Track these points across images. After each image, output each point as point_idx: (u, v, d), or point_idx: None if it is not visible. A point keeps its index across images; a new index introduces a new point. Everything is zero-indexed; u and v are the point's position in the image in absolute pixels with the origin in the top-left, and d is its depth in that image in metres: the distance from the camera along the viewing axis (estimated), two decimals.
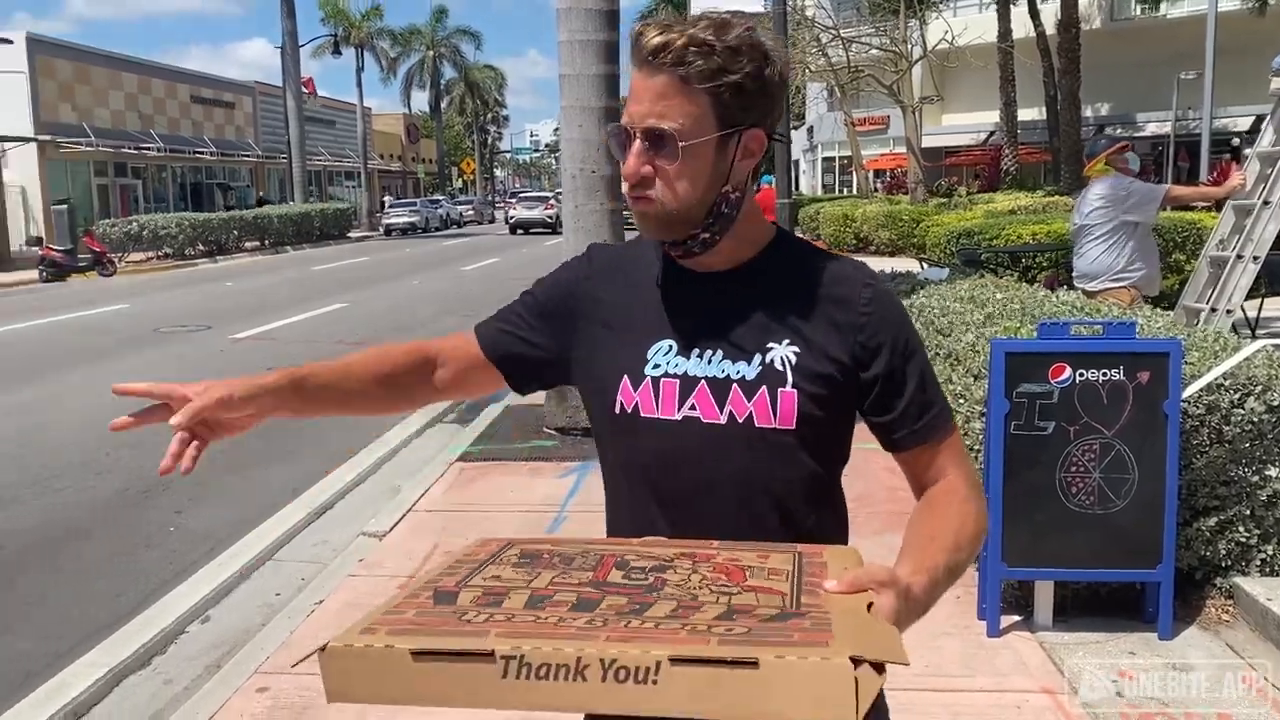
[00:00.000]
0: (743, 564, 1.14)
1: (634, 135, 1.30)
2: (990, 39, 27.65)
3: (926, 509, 1.37)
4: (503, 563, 1.17)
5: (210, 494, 6.09)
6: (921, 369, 1.40)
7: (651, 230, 1.36)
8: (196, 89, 40.48)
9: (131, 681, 3.79)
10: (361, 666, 0.93)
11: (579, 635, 0.91)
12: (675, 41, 1.25)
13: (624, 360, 1.40)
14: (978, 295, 5.56)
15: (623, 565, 1.14)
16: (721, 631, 0.91)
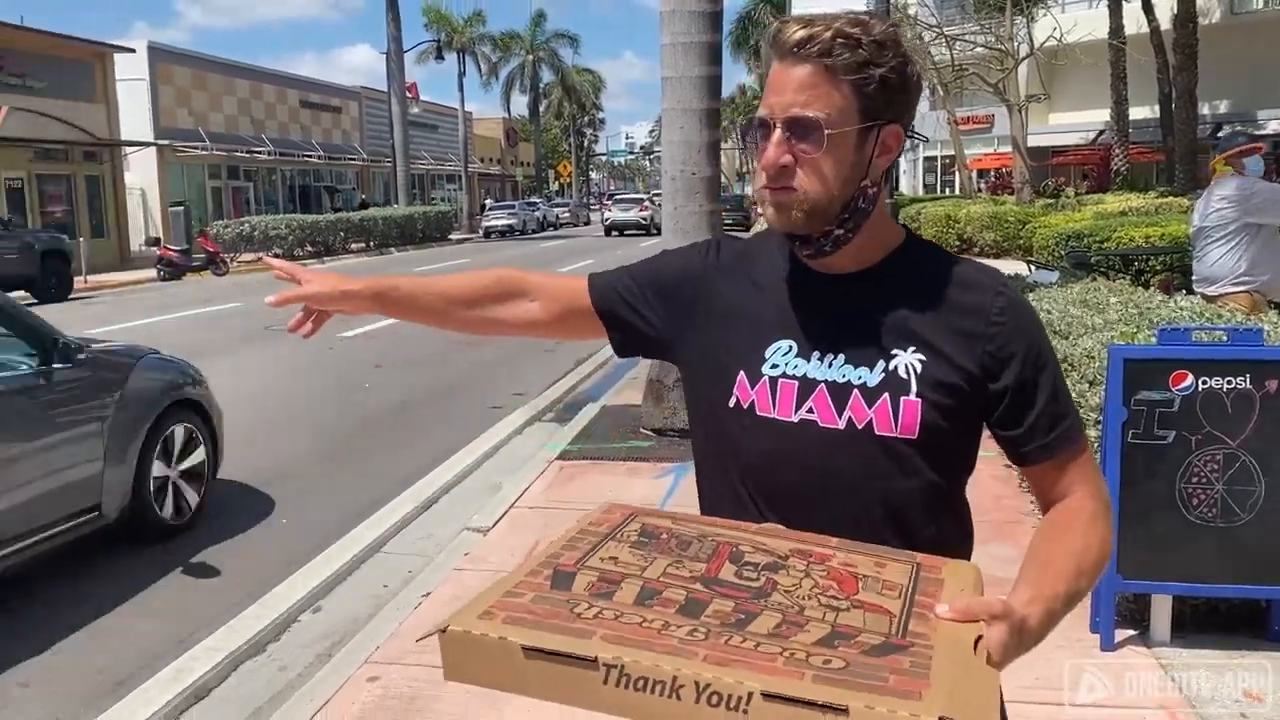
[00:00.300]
0: (857, 571, 1.13)
1: (774, 125, 1.29)
2: (1101, 35, 26.78)
3: (1050, 530, 1.33)
4: (623, 540, 1.19)
5: (320, 487, 6.28)
6: (1054, 380, 1.36)
7: (788, 224, 1.33)
8: (305, 94, 41.74)
9: (248, 666, 3.93)
10: (476, 653, 0.99)
11: (679, 649, 0.93)
12: (821, 33, 1.26)
13: (741, 357, 1.38)
14: (1091, 299, 5.42)
15: (736, 558, 1.14)
16: (819, 664, 0.91)
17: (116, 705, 3.60)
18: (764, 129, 1.30)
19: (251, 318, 14.81)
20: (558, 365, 10.65)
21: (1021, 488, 5.22)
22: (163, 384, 5.48)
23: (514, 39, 60.65)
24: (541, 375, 10.03)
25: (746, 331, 1.40)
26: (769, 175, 1.30)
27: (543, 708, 3.09)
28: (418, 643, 1.11)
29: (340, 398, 9.01)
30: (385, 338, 12.67)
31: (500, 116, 66.62)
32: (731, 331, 1.42)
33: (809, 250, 1.36)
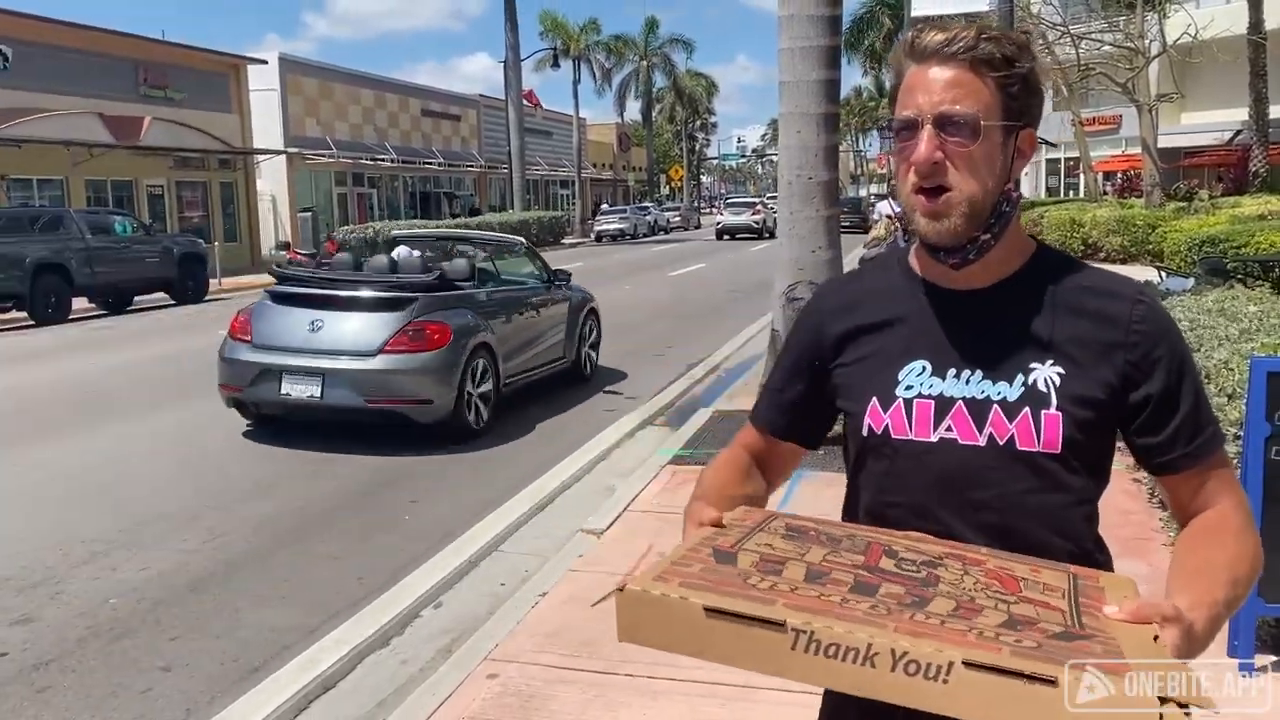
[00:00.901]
0: (1015, 574, 1.11)
1: (923, 123, 1.28)
2: (1239, 30, 25.56)
3: (1200, 538, 1.30)
4: (771, 532, 1.18)
5: (442, 485, 6.45)
6: (1196, 388, 1.34)
7: (943, 232, 1.31)
8: (426, 102, 42.84)
9: (372, 659, 4.07)
10: (655, 613, 0.97)
11: (867, 620, 0.90)
12: (964, 34, 1.27)
13: (872, 384, 1.38)
14: (1229, 308, 5.20)
15: (892, 554, 1.13)
16: (1011, 642, 0.88)
17: (250, 692, 3.76)
18: (911, 129, 1.29)
19: None
20: (670, 370, 10.69)
21: (1151, 502, 5.03)
22: (582, 298, 10.27)
23: (627, 45, 61.06)
24: (653, 379, 10.08)
25: (877, 359, 1.40)
26: (921, 173, 1.29)
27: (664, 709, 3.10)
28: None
29: None
30: None
31: (613, 122, 67.18)
32: (862, 364, 1.42)
33: (955, 259, 1.33)
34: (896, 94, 1.34)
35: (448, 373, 7.35)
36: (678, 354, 11.77)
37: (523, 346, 8.63)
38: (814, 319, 1.50)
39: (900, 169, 1.33)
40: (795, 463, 1.59)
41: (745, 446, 1.56)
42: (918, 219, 1.32)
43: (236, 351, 7.58)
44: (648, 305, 17.09)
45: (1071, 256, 1.45)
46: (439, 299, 7.70)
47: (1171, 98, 27.15)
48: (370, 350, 7.26)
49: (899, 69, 1.34)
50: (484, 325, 7.95)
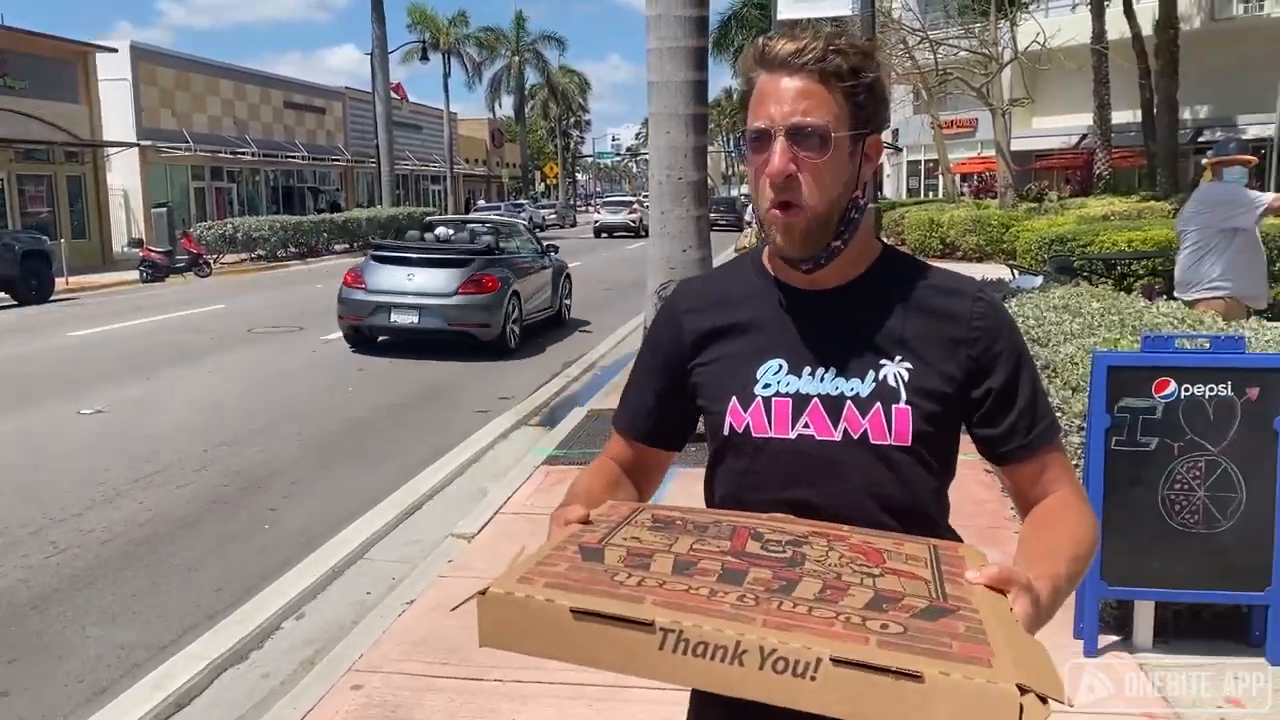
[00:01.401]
0: (879, 547, 1.13)
1: (776, 134, 1.30)
2: (1083, 40, 26.96)
3: (1042, 522, 1.36)
4: (638, 525, 1.17)
5: (304, 492, 6.25)
6: (1033, 381, 1.40)
7: (796, 244, 1.34)
8: (289, 94, 41.54)
9: (230, 674, 3.91)
10: (519, 616, 0.94)
11: (735, 615, 0.89)
12: (813, 44, 1.29)
13: (732, 382, 1.41)
14: (1073, 304, 5.44)
15: (758, 537, 1.14)
16: (878, 628, 0.89)
17: (97, 714, 3.57)
18: (764, 139, 1.31)
19: (235, 319, 14.74)
20: (544, 369, 10.63)
21: (1004, 493, 5.24)
22: (561, 265, 13.88)
23: (499, 39, 60.55)
24: (528, 379, 10.01)
25: (735, 359, 1.42)
26: (776, 186, 1.31)
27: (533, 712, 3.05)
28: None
29: (324, 401, 8.97)
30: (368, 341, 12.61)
31: (485, 117, 66.53)
32: (721, 362, 1.44)
33: (808, 266, 1.37)
34: (748, 100, 1.35)
35: (498, 308, 11.32)
36: (553, 353, 11.73)
37: (532, 295, 12.60)
38: (671, 321, 1.51)
39: (755, 178, 1.35)
40: (663, 468, 1.59)
41: (613, 457, 1.56)
42: (774, 233, 1.35)
43: (354, 294, 11.59)
44: None
45: (916, 258, 1.51)
46: (488, 260, 11.80)
47: (1023, 102, 28.41)
48: (449, 292, 11.18)
49: (749, 76, 1.35)
50: (513, 279, 11.85)
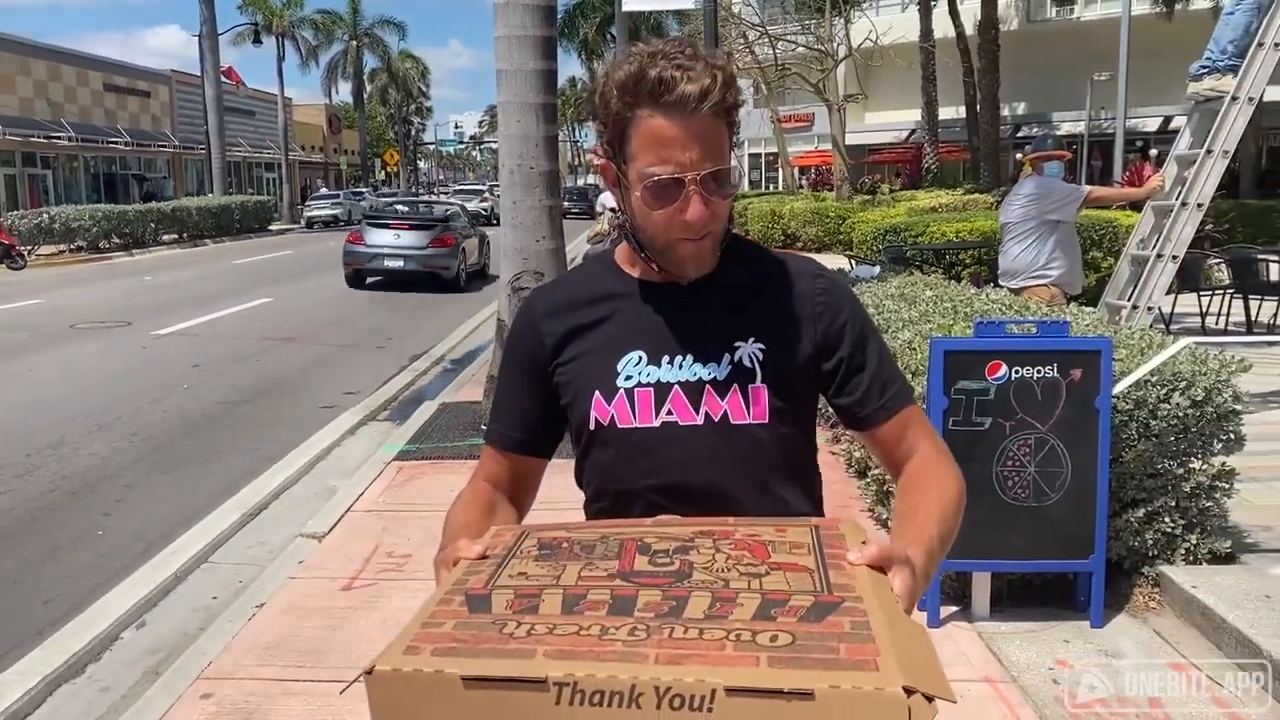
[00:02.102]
0: (763, 539, 1.16)
1: (689, 184, 1.30)
2: (912, 39, 28.16)
3: (909, 485, 1.41)
4: (524, 556, 1.16)
5: (140, 495, 5.94)
6: (879, 347, 1.47)
7: (704, 266, 1.40)
8: (110, 77, 39.23)
9: (67, 689, 3.69)
10: (410, 692, 0.91)
11: (627, 654, 0.90)
12: (713, 86, 1.28)
13: (594, 377, 1.43)
14: (909, 293, 5.70)
15: (645, 550, 1.14)
16: (768, 642, 0.91)
17: None
18: (674, 187, 1.31)
19: (56, 315, 13.85)
20: (392, 362, 10.41)
21: (849, 472, 5.45)
22: (483, 234, 20.22)
23: (336, 23, 58.70)
24: (375, 373, 9.78)
25: (595, 355, 1.45)
26: (697, 230, 1.33)
27: None
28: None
29: (158, 399, 8.53)
30: (203, 335, 12.09)
31: (323, 103, 64.42)
32: (582, 361, 1.46)
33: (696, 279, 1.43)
34: (627, 130, 1.32)
35: (454, 256, 17.29)
36: (399, 346, 11.49)
37: (471, 252, 18.44)
38: (529, 327, 1.51)
39: (654, 218, 1.34)
40: (539, 477, 1.58)
41: (486, 478, 1.54)
42: (679, 261, 1.38)
43: (357, 249, 17.29)
44: (365, 295, 16.58)
45: (760, 244, 1.57)
46: (445, 225, 17.71)
47: (857, 98, 29.48)
48: (423, 246, 16.98)
49: (629, 106, 1.30)
50: (460, 239, 17.81)
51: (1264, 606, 3.53)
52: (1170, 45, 22.84)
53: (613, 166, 1.38)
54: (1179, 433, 3.77)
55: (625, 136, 1.33)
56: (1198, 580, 3.75)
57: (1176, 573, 3.83)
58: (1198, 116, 6.35)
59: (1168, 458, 3.82)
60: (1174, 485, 3.85)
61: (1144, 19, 27.01)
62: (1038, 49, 32.18)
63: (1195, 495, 3.87)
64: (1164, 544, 3.90)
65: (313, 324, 13.02)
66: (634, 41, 1.38)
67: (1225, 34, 5.99)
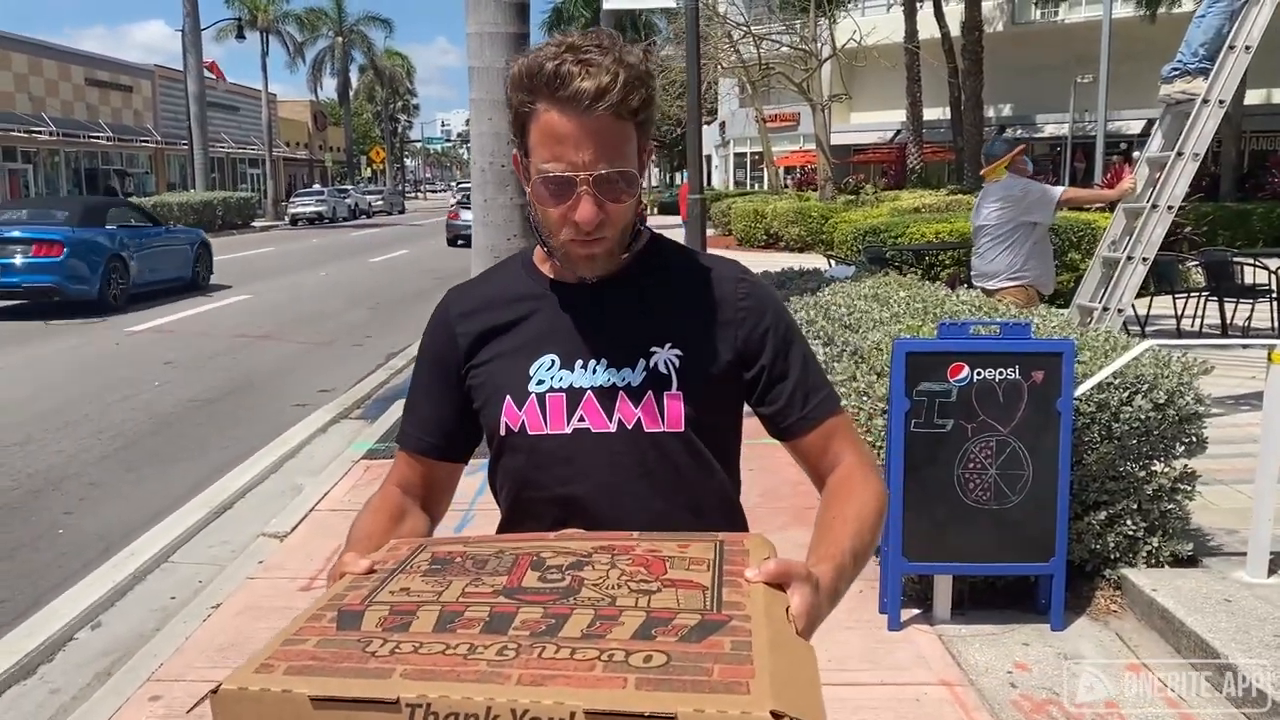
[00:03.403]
0: (663, 554, 1.12)
1: (580, 185, 1.25)
2: (897, 39, 28.21)
3: (829, 498, 1.37)
4: (412, 571, 1.12)
5: (103, 494, 5.88)
6: (804, 355, 1.42)
7: (598, 268, 1.34)
8: (92, 71, 38.95)
9: (15, 691, 3.63)
10: (257, 712, 0.88)
11: (489, 675, 0.86)
12: (613, 85, 1.22)
13: (506, 382, 1.39)
14: (882, 293, 5.67)
15: (539, 565, 1.11)
16: (640, 663, 0.87)
17: None
18: (566, 186, 1.26)
19: (30, 309, 13.72)
20: (367, 361, 10.35)
21: None
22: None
23: (322, 19, 58.46)
24: (350, 371, 9.71)
25: (508, 358, 1.40)
26: (585, 232, 1.28)
27: None
28: (187, 713, 1.00)
29: (128, 396, 8.45)
30: (177, 333, 12.01)
31: (308, 99, 64.16)
32: (495, 364, 1.41)
33: (598, 278, 1.37)
34: (527, 125, 1.28)
35: None
36: (377, 344, 11.41)
37: None
38: (443, 326, 1.47)
39: (553, 214, 1.30)
40: (454, 483, 1.54)
41: (397, 483, 1.50)
42: (573, 261, 1.34)
43: (455, 223, 24.42)
44: (345, 292, 16.48)
45: (682, 245, 1.51)
46: None
47: (841, 98, 29.52)
48: None
49: (530, 99, 1.26)
50: None
51: (1223, 610, 3.52)
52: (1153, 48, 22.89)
53: (520, 159, 1.34)
54: (1141, 435, 3.76)
55: (526, 129, 1.29)
56: (1158, 583, 3.74)
57: (1138, 576, 3.81)
58: (1169, 119, 6.35)
59: (1130, 460, 3.80)
60: (1136, 488, 3.83)
61: (1127, 21, 27.14)
62: (1022, 50, 32.29)
63: (1157, 498, 3.86)
64: (1126, 547, 3.88)
65: (290, 321, 12.94)
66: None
67: (1196, 36, 5.99)
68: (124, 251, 14.30)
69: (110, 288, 13.81)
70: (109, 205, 16.32)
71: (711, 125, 43.02)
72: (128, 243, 14.53)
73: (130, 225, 15.23)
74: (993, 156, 6.50)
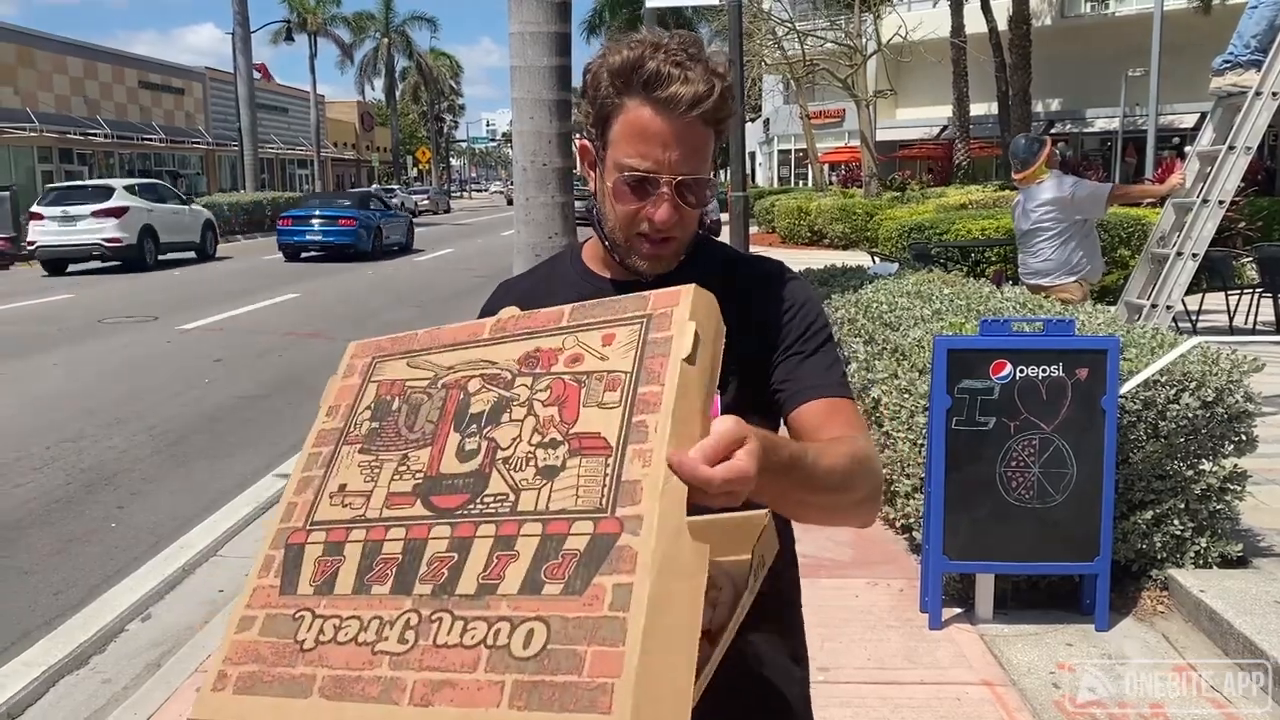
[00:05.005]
0: (582, 371, 1.03)
1: (663, 184, 1.28)
2: (943, 34, 27.90)
3: None
4: (354, 441, 1.16)
5: (154, 489, 6.00)
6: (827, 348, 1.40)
7: (661, 267, 1.36)
8: (145, 74, 39.71)
9: (69, 681, 3.73)
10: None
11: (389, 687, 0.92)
12: (709, 94, 1.24)
13: None
14: (924, 290, 5.63)
15: (462, 419, 1.08)
16: (519, 651, 0.88)
17: None
18: (648, 183, 1.28)
19: (86, 309, 14.04)
20: None
21: None
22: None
23: (368, 20, 59.10)
24: None
25: None
26: (661, 233, 1.31)
27: None
28: None
29: (179, 393, 8.62)
30: (228, 330, 12.21)
31: (355, 100, 64.89)
32: None
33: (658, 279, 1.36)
34: (610, 117, 1.29)
35: None
36: None
37: None
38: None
39: (621, 211, 1.31)
40: None
41: None
42: (637, 259, 1.35)
43: None
44: (389, 291, 16.65)
45: (728, 246, 1.53)
46: None
47: (886, 94, 29.24)
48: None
49: (619, 93, 1.27)
50: None
51: (1273, 612, 3.45)
52: (1207, 40, 22.44)
53: (591, 148, 1.35)
54: (1189, 434, 3.70)
55: (609, 121, 1.30)
56: (1206, 584, 3.68)
57: (1185, 576, 3.75)
58: (1220, 112, 6.22)
59: (1177, 459, 3.75)
60: (1184, 487, 3.77)
61: (1180, 14, 26.60)
62: (1071, 44, 31.78)
63: (1205, 498, 3.80)
64: (1173, 547, 3.83)
65: (339, 319, 13.10)
66: None
67: (1248, 28, 5.87)
68: (380, 223, 23.96)
69: (375, 245, 23.17)
70: (370, 196, 26.46)
71: (755, 122, 42.86)
72: (380, 219, 24.16)
73: (379, 209, 24.92)
74: (1023, 159, 6.36)
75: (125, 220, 20.02)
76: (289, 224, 22.89)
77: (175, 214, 22.41)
